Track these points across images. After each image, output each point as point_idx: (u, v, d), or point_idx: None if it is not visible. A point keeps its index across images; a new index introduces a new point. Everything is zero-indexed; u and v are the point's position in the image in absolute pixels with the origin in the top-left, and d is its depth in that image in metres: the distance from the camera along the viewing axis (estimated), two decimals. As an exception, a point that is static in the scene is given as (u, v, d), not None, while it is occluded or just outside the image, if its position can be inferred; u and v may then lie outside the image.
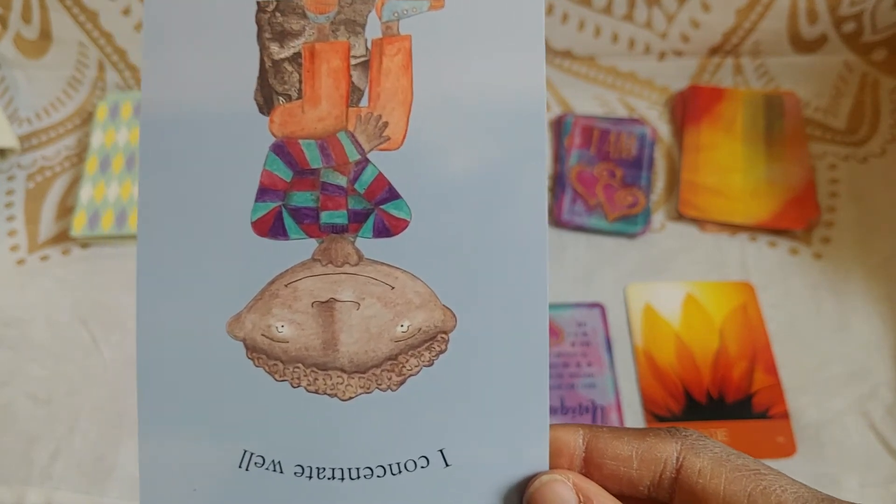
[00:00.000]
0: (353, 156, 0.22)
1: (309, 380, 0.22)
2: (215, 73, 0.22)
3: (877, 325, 0.49)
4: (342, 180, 0.22)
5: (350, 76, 0.22)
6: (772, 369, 0.48)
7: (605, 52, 0.61)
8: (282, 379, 0.22)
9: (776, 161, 0.57)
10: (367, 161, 0.22)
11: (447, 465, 0.22)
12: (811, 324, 0.50)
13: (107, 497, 0.44)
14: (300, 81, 0.22)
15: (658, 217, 0.55)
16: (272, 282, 0.22)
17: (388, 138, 0.22)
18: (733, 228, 0.54)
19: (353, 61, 0.22)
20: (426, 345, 0.22)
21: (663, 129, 0.60)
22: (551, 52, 0.61)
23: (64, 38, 0.59)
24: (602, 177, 0.56)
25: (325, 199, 0.22)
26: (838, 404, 0.47)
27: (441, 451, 0.22)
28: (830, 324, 0.50)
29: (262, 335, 0.22)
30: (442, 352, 0.22)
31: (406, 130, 0.22)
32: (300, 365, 0.22)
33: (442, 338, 0.22)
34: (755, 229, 0.54)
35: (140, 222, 0.22)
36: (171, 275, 0.22)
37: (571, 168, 0.57)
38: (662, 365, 0.49)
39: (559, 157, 0.58)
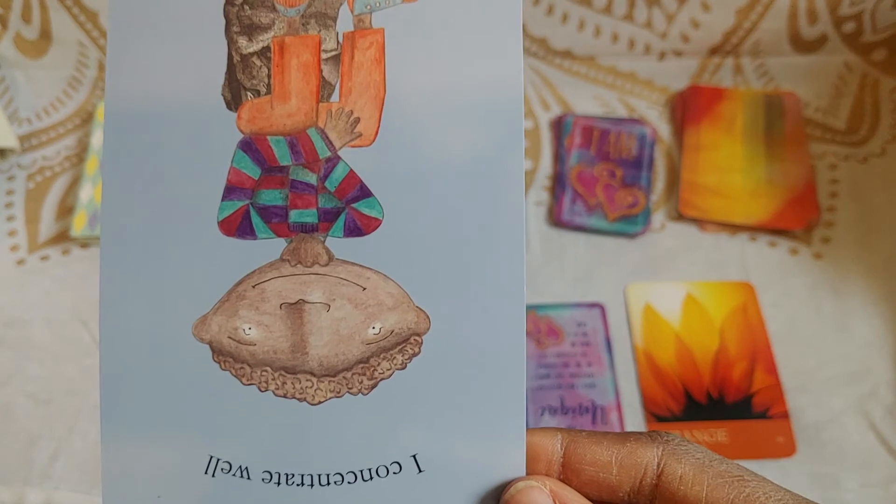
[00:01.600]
0: (324, 153, 0.21)
1: (277, 384, 0.21)
2: (182, 67, 0.21)
3: (877, 325, 0.49)
4: (312, 178, 0.22)
5: (320, 71, 0.21)
6: (772, 369, 0.48)
7: (605, 52, 0.61)
8: (249, 383, 0.21)
9: (776, 161, 0.57)
10: (338, 158, 0.21)
11: (420, 470, 0.22)
12: (811, 324, 0.50)
13: (107, 497, 0.44)
14: (269, 76, 0.21)
15: (658, 217, 0.55)
16: (239, 283, 0.21)
17: (360, 134, 0.21)
18: (733, 228, 0.54)
19: (323, 55, 0.22)
20: (399, 347, 0.22)
21: (663, 129, 0.60)
22: (551, 53, 0.61)
23: (64, 38, 0.59)
24: (602, 177, 0.56)
25: (295, 198, 0.22)
26: (838, 404, 0.47)
27: (414, 456, 0.22)
28: (830, 324, 0.50)
29: (229, 338, 0.21)
30: (415, 355, 0.22)
31: (378, 126, 0.21)
32: (268, 368, 0.21)
33: (415, 340, 0.22)
34: (755, 229, 0.54)
35: (103, 220, 0.21)
36: (136, 275, 0.21)
37: (571, 168, 0.57)
38: (662, 365, 0.49)
39: (559, 157, 0.58)
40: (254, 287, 0.21)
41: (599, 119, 0.59)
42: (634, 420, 0.47)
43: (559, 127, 0.59)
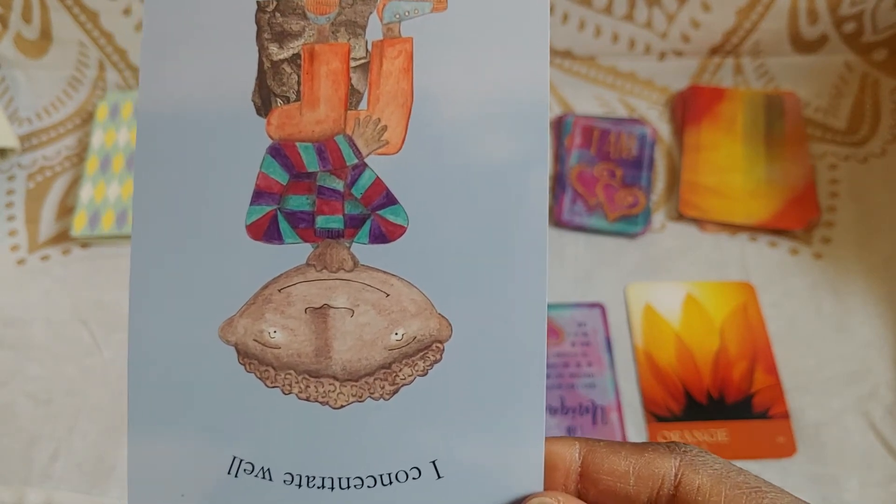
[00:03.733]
0: (351, 160, 0.22)
1: (300, 387, 0.22)
2: (213, 73, 0.22)
3: (877, 325, 0.49)
4: (339, 184, 0.22)
5: (349, 78, 0.22)
6: (772, 369, 0.48)
7: (606, 52, 0.61)
8: (273, 385, 0.22)
9: (776, 161, 0.57)
10: (365, 165, 0.22)
11: (439, 477, 0.22)
12: (811, 324, 0.50)
13: (107, 497, 0.44)
14: (299, 83, 0.22)
15: (658, 217, 0.55)
16: (266, 286, 0.22)
17: (387, 142, 0.22)
18: (733, 228, 0.54)
19: (352, 63, 0.22)
20: (420, 354, 0.22)
21: (663, 129, 0.60)
22: (551, 52, 0.61)
23: (64, 37, 0.59)
24: (602, 177, 0.56)
25: (322, 204, 0.22)
26: (838, 404, 0.47)
27: (433, 462, 0.22)
28: (830, 324, 0.50)
29: (255, 340, 0.22)
30: (437, 361, 0.22)
31: (405, 135, 0.21)
32: (292, 371, 0.22)
33: (437, 347, 0.22)
34: (755, 229, 0.54)
35: (134, 223, 0.22)
36: (164, 277, 0.22)
37: (572, 168, 0.57)
38: (662, 365, 0.49)
39: (559, 157, 0.58)
40: (280, 291, 0.22)
41: (600, 119, 0.59)
42: (634, 420, 0.47)
43: (559, 127, 0.59)
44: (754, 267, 0.52)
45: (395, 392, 0.22)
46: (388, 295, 0.22)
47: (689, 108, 0.59)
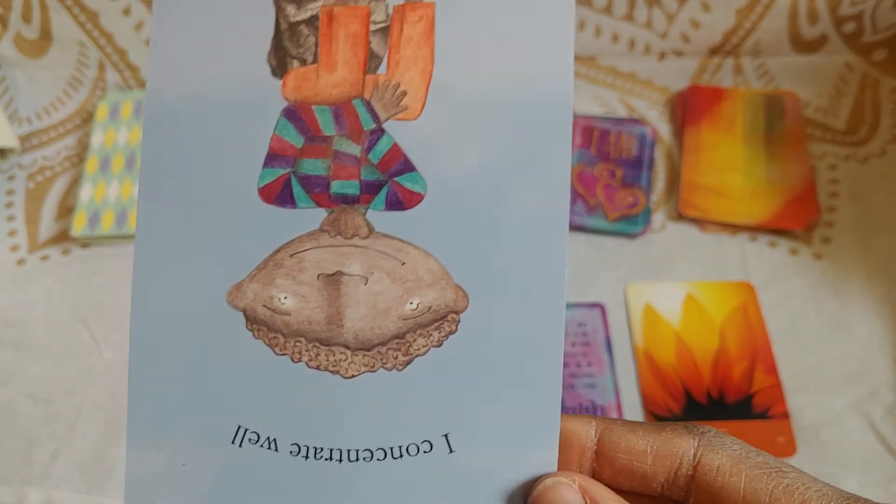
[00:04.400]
0: (368, 124, 0.21)
1: (311, 355, 0.21)
2: (228, 33, 0.21)
3: (877, 326, 0.49)
4: (356, 149, 0.21)
5: (368, 42, 0.21)
6: (772, 369, 0.48)
7: (606, 52, 0.61)
8: (282, 353, 0.21)
9: (776, 161, 0.57)
10: (383, 130, 0.21)
11: (451, 451, 0.21)
12: (811, 324, 0.50)
13: (107, 497, 0.44)
14: (316, 45, 0.21)
15: (658, 217, 0.55)
16: (277, 251, 0.21)
17: (406, 108, 0.21)
18: (733, 228, 0.54)
19: (372, 27, 0.21)
20: (436, 324, 0.21)
21: (663, 129, 0.60)
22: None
23: (64, 38, 0.59)
24: (602, 177, 0.56)
25: (337, 168, 0.21)
26: (838, 404, 0.47)
27: (446, 436, 0.21)
28: (830, 324, 0.50)
29: (264, 306, 0.21)
30: (452, 332, 0.21)
31: (425, 101, 0.21)
32: (302, 339, 0.21)
33: (452, 318, 0.21)
34: (755, 229, 0.54)
35: (142, 182, 0.21)
36: (172, 238, 0.21)
37: (572, 168, 0.57)
38: (662, 365, 0.49)
39: (559, 157, 0.58)
40: (292, 256, 0.21)
41: (600, 119, 0.59)
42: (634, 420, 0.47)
43: (559, 127, 0.59)
44: (754, 267, 0.52)
45: (409, 363, 0.21)
46: (403, 263, 0.21)
47: (689, 108, 0.59)
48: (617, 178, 0.56)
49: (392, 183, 0.21)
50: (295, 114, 0.21)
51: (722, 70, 0.61)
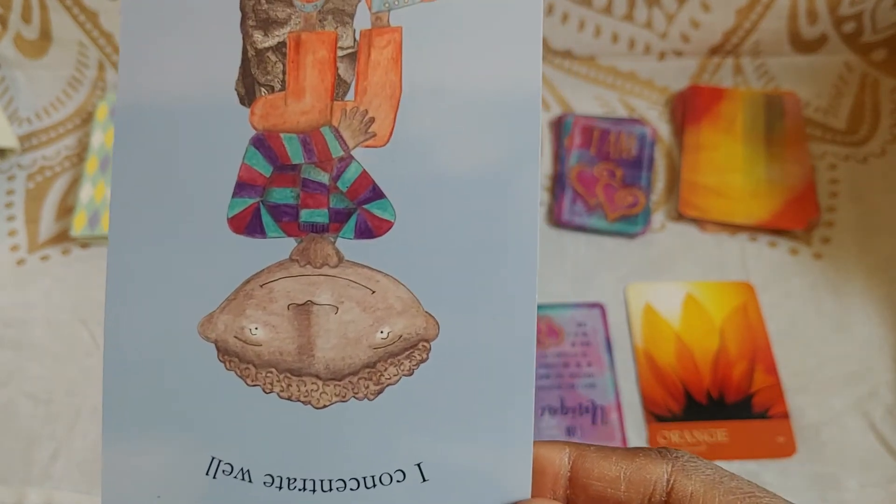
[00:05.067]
0: (337, 152, 0.21)
1: (282, 385, 0.21)
2: (195, 61, 0.21)
3: (877, 326, 0.49)
4: (324, 177, 0.21)
5: (336, 68, 0.21)
6: (772, 369, 0.48)
7: (606, 52, 0.61)
8: (254, 384, 0.21)
9: (776, 161, 0.57)
10: (351, 158, 0.21)
11: (425, 479, 0.21)
12: (811, 324, 0.50)
13: (107, 497, 0.44)
14: (284, 72, 0.21)
15: (658, 217, 0.55)
16: (247, 281, 0.21)
17: (374, 135, 0.21)
18: (733, 228, 0.54)
19: (340, 53, 0.21)
20: (406, 353, 0.21)
21: (663, 129, 0.60)
22: (551, 53, 0.61)
23: (64, 38, 0.59)
24: (602, 177, 0.56)
25: (306, 197, 0.21)
26: (838, 404, 0.47)
27: (419, 465, 0.21)
28: (830, 324, 0.50)
29: (235, 337, 0.21)
30: (423, 361, 0.21)
31: (393, 127, 0.21)
32: (273, 370, 0.21)
33: (423, 346, 0.21)
34: (755, 229, 0.54)
35: (112, 214, 0.21)
36: (143, 270, 0.21)
37: (571, 168, 0.57)
38: (662, 365, 0.49)
39: (559, 157, 0.58)
40: (262, 286, 0.21)
41: (599, 119, 0.59)
42: (634, 420, 0.47)
43: (559, 127, 0.59)
44: (754, 267, 0.52)
45: (380, 392, 0.21)
46: (373, 292, 0.21)
47: (688, 108, 0.59)
48: (617, 178, 0.56)
49: (361, 211, 0.21)
50: (263, 142, 0.21)
51: (722, 70, 0.61)
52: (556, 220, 0.54)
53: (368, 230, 0.21)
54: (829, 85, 0.60)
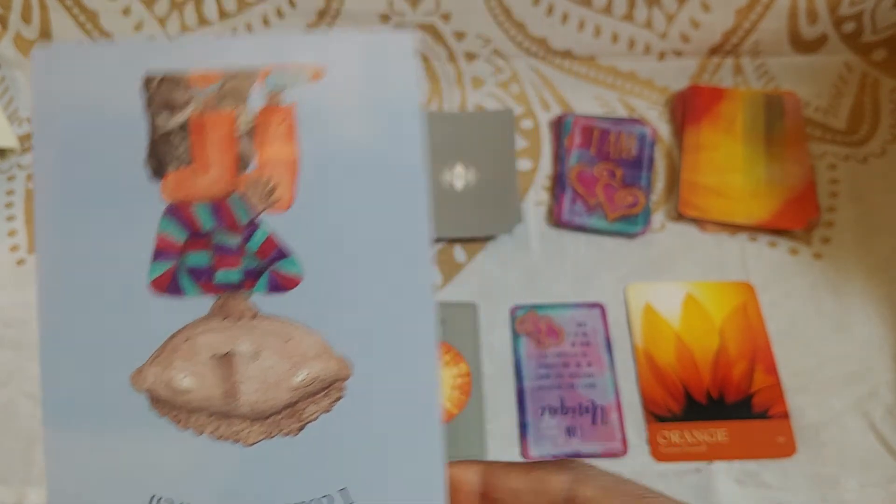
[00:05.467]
0: (244, 219, 0.23)
1: (213, 427, 0.23)
2: (107, 142, 0.23)
3: (877, 326, 0.49)
4: (235, 241, 0.23)
5: (238, 144, 0.23)
6: (772, 369, 0.48)
7: (605, 52, 0.61)
8: (186, 427, 0.23)
9: (776, 161, 0.57)
10: (258, 223, 0.23)
11: (352, 502, 0.24)
12: (811, 324, 0.50)
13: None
14: (189, 150, 0.23)
15: (658, 217, 0.55)
16: (173, 336, 0.23)
17: (278, 200, 0.23)
18: (733, 228, 0.54)
19: (241, 129, 0.23)
20: (324, 392, 0.23)
21: (663, 129, 0.60)
22: (551, 53, 0.61)
23: (64, 38, 0.59)
24: (602, 177, 0.56)
25: (220, 259, 0.24)
26: (838, 404, 0.47)
27: (344, 490, 0.23)
28: (830, 324, 0.50)
29: (165, 387, 0.23)
30: (339, 399, 0.23)
31: (293, 192, 0.23)
32: (203, 414, 0.23)
33: (338, 386, 0.23)
34: (755, 229, 0.54)
35: (41, 285, 0.23)
36: (75, 332, 0.23)
37: (571, 168, 0.57)
38: (662, 365, 0.49)
39: (559, 157, 0.58)
40: (186, 340, 0.23)
41: (599, 119, 0.59)
42: (634, 420, 0.47)
43: (559, 127, 0.59)
44: (754, 267, 0.52)
45: (302, 428, 0.23)
46: (288, 340, 0.23)
47: (688, 107, 0.59)
48: (617, 177, 0.56)
49: (271, 270, 0.23)
50: (176, 212, 0.23)
51: (722, 70, 0.61)
52: (556, 220, 0.55)
53: (279, 286, 0.23)
54: (829, 85, 0.60)
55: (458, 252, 0.54)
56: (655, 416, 0.47)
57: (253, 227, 0.23)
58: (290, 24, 0.59)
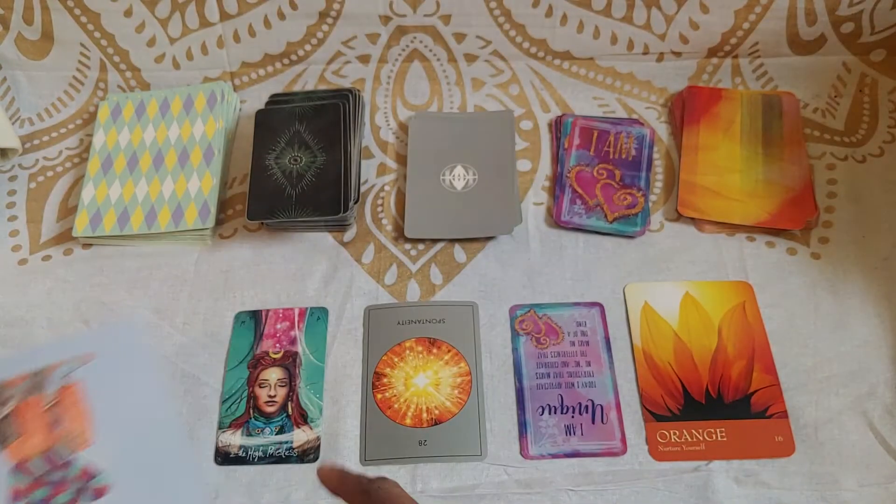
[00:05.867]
0: (64, 458, 0.42)
1: None
2: None
3: (875, 325, 0.50)
4: (61, 474, 0.42)
5: (48, 415, 0.43)
6: (770, 369, 0.48)
7: (605, 53, 0.61)
8: None
9: (774, 161, 0.57)
10: (73, 460, 0.42)
11: None
12: (809, 323, 0.50)
13: (108, 495, 0.45)
14: (17, 429, 0.43)
15: (657, 217, 0.56)
16: None
17: (84, 442, 0.42)
18: (731, 228, 0.54)
19: (47, 406, 0.43)
20: None
21: (662, 130, 0.60)
22: (551, 54, 0.61)
23: (65, 38, 0.60)
24: (601, 177, 0.57)
25: (55, 489, 0.42)
26: (837, 404, 0.47)
27: None
28: (829, 323, 0.50)
29: None
30: None
31: (91, 434, 0.43)
32: None
33: None
34: (753, 229, 0.54)
35: None
36: None
37: (571, 168, 0.57)
38: (661, 364, 0.49)
39: (558, 157, 0.58)
40: None
41: (598, 120, 0.59)
42: (633, 419, 0.47)
43: (558, 127, 0.59)
44: (752, 267, 0.53)
45: None
46: None
47: (687, 108, 0.59)
48: (616, 178, 0.56)
49: (89, 486, 0.42)
50: (19, 467, 0.42)
51: (720, 71, 0.61)
52: (555, 220, 0.55)
53: (96, 495, 0.41)
54: (828, 85, 0.60)
55: (458, 252, 0.54)
56: (654, 415, 0.47)
57: (70, 462, 0.42)
58: (290, 23, 0.59)
